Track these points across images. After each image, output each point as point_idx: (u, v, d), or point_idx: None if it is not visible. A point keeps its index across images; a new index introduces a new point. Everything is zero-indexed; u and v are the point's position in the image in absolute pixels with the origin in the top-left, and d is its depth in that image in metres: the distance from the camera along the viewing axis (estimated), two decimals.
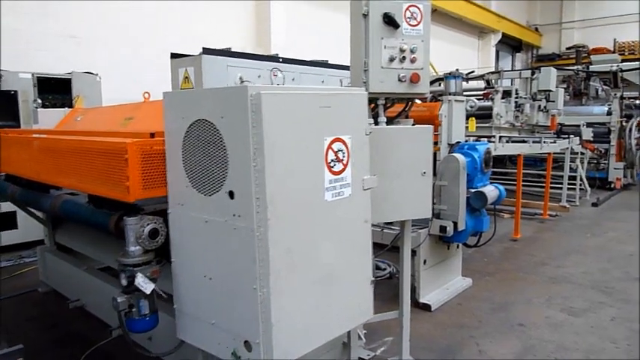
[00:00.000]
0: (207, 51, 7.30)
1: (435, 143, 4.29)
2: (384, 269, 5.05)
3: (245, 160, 1.89)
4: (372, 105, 2.84)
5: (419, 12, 2.76)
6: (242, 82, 3.88)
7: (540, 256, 5.61)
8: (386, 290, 4.45)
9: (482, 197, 4.06)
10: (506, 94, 5.95)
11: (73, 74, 6.01)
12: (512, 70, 7.54)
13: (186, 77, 7.68)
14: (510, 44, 21.54)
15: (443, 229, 4.08)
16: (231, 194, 1.99)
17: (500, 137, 5.64)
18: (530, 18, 23.03)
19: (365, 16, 2.65)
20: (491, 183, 4.44)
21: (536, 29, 23.09)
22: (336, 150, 2.18)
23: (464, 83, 7.24)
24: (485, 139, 5.23)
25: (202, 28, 9.36)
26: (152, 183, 2.27)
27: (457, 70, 4.51)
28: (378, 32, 2.66)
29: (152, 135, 2.29)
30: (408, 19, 2.73)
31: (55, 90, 6.25)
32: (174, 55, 7.64)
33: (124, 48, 8.27)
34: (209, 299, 2.21)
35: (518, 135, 6.37)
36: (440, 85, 7.73)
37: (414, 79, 2.74)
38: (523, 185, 9.65)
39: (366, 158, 2.38)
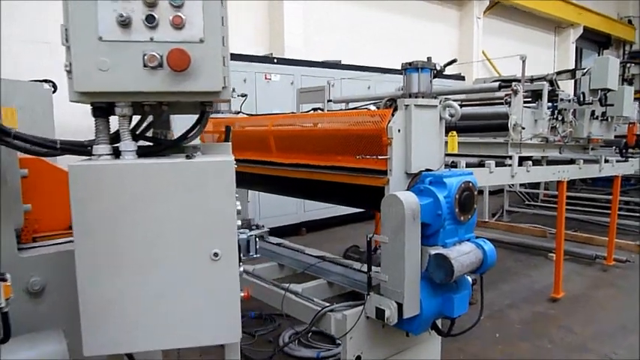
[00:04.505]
0: None
1: (384, 173, 2.80)
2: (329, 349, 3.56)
3: None
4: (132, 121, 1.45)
5: None
6: None
7: (582, 333, 3.79)
8: None
9: (445, 264, 2.46)
10: (539, 96, 4.19)
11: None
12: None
13: None
14: (595, 40, 18.61)
15: (380, 312, 2.54)
16: None
17: (522, 158, 3.91)
18: (621, 9, 19.85)
19: None
20: (477, 238, 2.80)
21: (630, 22, 19.85)
22: None
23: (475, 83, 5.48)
24: (491, 161, 3.56)
25: None
26: None
27: (428, 59, 2.92)
28: None
29: None
30: None
31: None
32: None
33: None
34: None
35: (559, 154, 4.53)
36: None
37: (177, 63, 1.31)
38: (592, 215, 7.62)
39: None
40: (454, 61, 3.06)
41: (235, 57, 6.60)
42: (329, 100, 4.46)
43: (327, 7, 9.61)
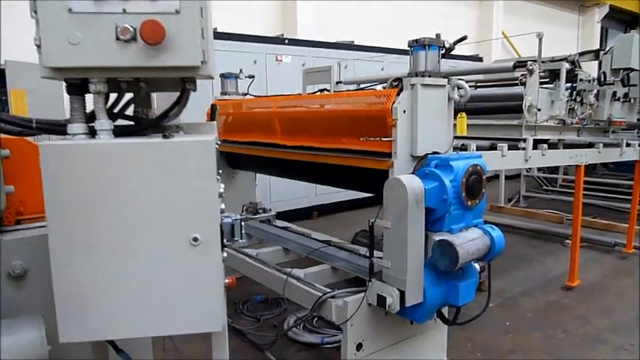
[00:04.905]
0: None
1: (389, 155, 2.70)
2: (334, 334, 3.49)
3: None
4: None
5: None
6: None
7: (598, 324, 3.67)
8: None
9: (450, 251, 2.36)
10: (557, 76, 4.01)
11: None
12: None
13: None
14: (622, 19, 17.92)
15: (382, 299, 2.46)
16: None
17: (537, 142, 3.75)
18: None
19: None
20: (485, 223, 2.69)
21: None
22: None
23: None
24: (504, 144, 3.43)
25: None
26: None
27: (437, 35, 2.78)
28: None
29: None
30: None
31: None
32: None
33: None
34: None
35: (577, 137, 4.35)
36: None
37: (151, 36, 1.23)
38: (613, 201, 7.38)
39: None
40: (465, 37, 2.91)
41: (245, 38, 6.48)
42: (338, 82, 4.34)
43: None
